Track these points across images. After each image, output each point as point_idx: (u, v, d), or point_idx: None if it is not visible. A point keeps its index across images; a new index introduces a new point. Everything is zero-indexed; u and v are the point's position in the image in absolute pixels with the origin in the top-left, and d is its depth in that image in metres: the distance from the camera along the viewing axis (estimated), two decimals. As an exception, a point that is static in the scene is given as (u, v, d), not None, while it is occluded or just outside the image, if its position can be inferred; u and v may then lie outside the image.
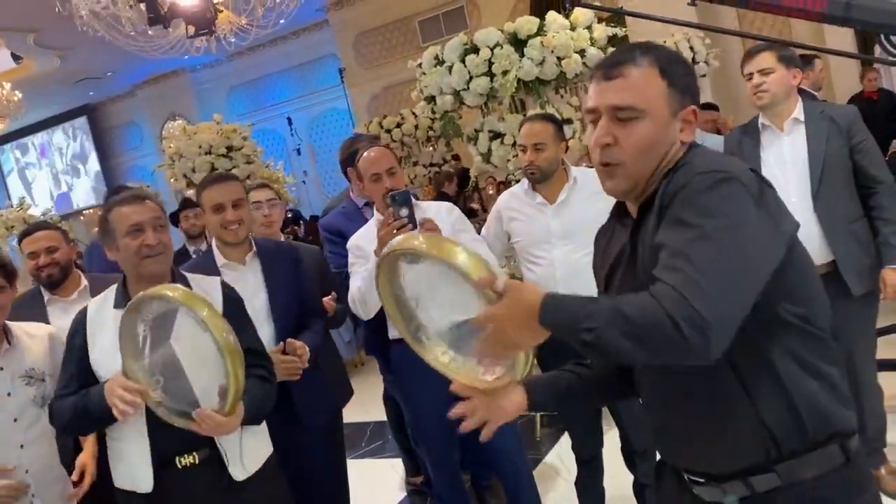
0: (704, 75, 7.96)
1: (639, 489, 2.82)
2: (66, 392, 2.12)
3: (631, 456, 2.82)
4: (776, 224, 1.19)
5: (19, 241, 2.92)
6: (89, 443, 2.38)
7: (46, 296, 2.80)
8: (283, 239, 3.29)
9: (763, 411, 1.21)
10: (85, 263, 4.84)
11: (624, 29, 5.58)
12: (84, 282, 2.85)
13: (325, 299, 2.89)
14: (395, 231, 2.41)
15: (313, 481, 2.74)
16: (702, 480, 1.31)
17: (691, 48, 8.12)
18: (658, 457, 1.48)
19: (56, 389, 2.18)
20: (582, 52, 4.99)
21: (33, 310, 2.70)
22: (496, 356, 1.28)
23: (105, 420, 2.05)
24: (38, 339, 2.37)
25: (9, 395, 2.22)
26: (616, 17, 5.62)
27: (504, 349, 1.23)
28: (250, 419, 2.08)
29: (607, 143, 1.28)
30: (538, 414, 4.15)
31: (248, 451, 2.16)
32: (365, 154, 2.75)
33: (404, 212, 2.43)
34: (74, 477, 2.33)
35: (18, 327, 2.35)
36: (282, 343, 2.54)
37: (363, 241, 2.72)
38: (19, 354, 2.29)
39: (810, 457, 1.21)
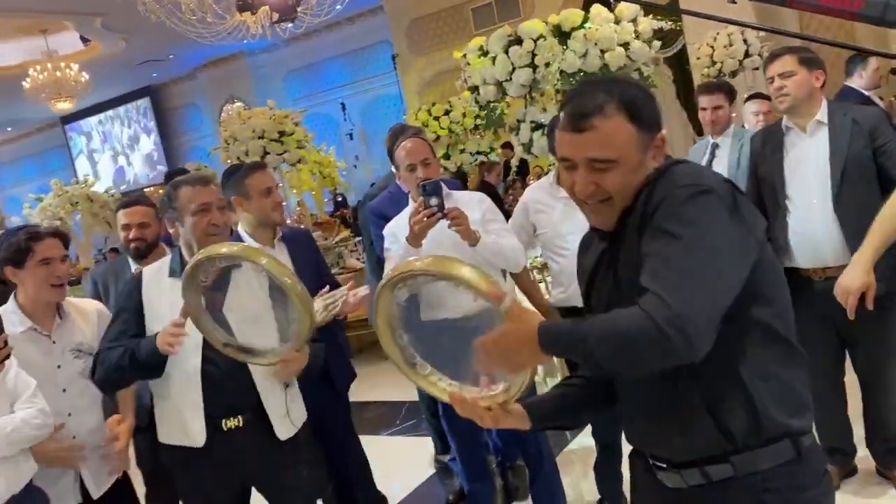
0: (757, 68, 7.85)
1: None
2: (114, 346, 2.27)
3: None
4: (750, 230, 1.28)
5: (116, 210, 3.18)
6: (128, 414, 2.53)
7: (133, 265, 3.01)
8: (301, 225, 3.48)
9: (719, 409, 1.31)
10: None
11: (675, 23, 5.58)
12: (169, 254, 3.02)
13: None
14: (424, 219, 2.55)
15: (344, 443, 2.97)
16: (664, 466, 1.41)
17: (745, 40, 8.02)
18: None
19: (103, 343, 2.34)
20: (626, 45, 5.03)
21: (119, 275, 2.97)
22: (499, 371, 1.36)
23: (148, 368, 2.20)
24: (87, 314, 2.55)
25: (59, 367, 2.40)
26: (670, 11, 5.62)
27: (505, 370, 1.33)
28: (309, 367, 2.25)
29: (591, 192, 1.36)
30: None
31: (291, 411, 2.34)
32: (401, 145, 2.88)
33: (434, 201, 2.55)
34: (104, 442, 2.43)
35: (69, 303, 2.52)
36: (327, 287, 2.73)
37: (397, 228, 2.85)
38: (70, 329, 2.46)
39: (764, 451, 1.31)
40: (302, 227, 2.90)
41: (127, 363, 2.21)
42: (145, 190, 16.91)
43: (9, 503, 2.06)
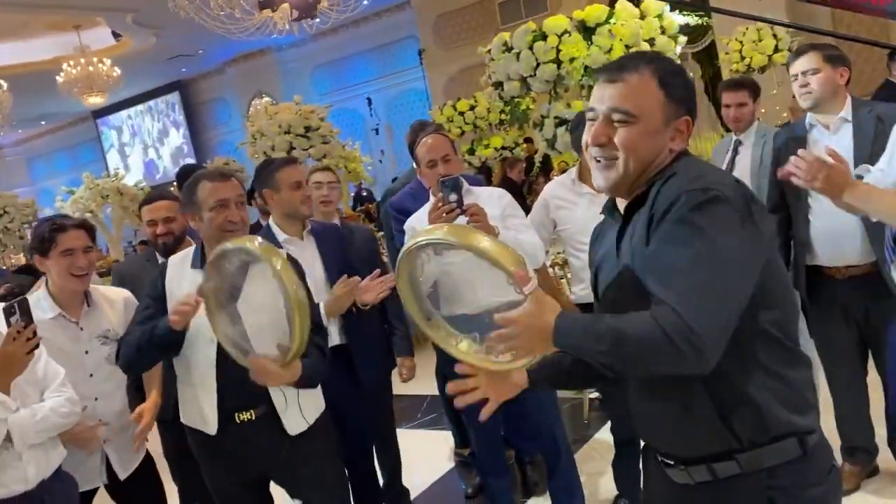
0: (786, 64, 7.75)
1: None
2: (136, 329, 2.32)
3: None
4: (762, 234, 1.28)
5: (140, 207, 3.16)
6: (153, 394, 2.61)
7: (161, 260, 2.98)
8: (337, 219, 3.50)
9: (724, 409, 1.32)
10: None
11: (703, 18, 5.55)
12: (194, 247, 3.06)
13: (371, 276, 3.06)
14: (443, 215, 2.57)
15: (366, 437, 3.00)
16: (672, 463, 1.43)
17: (774, 35, 7.92)
18: None
19: (127, 329, 2.40)
20: (651, 41, 5.00)
21: (147, 274, 2.90)
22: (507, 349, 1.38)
23: (165, 346, 2.24)
24: (114, 302, 2.63)
25: (86, 352, 2.49)
26: (699, 7, 5.58)
27: (516, 350, 1.35)
28: (304, 382, 2.25)
29: (601, 143, 1.38)
30: (587, 397, 4.26)
31: (304, 408, 2.37)
32: (422, 141, 2.90)
33: (453, 197, 2.57)
34: (133, 417, 2.53)
35: (97, 290, 2.61)
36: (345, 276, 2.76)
37: (417, 223, 2.88)
38: (97, 316, 2.55)
39: (769, 449, 1.32)
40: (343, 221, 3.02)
41: (145, 342, 2.25)
42: (174, 183, 17.17)
43: (39, 488, 2.13)
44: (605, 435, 3.86)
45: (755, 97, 3.66)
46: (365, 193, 12.55)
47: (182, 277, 2.37)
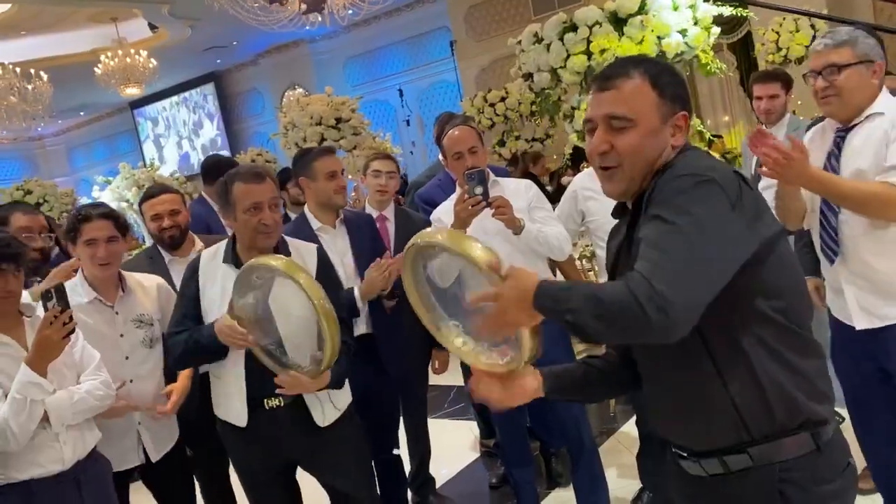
0: (824, 54, 7.59)
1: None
2: (178, 330, 2.41)
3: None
4: (750, 224, 1.28)
5: (140, 203, 3.10)
6: (183, 376, 2.67)
7: (167, 257, 3.03)
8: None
9: (735, 399, 1.32)
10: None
11: (738, 9, 5.46)
12: (199, 243, 3.05)
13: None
14: (469, 207, 2.59)
15: (392, 426, 3.05)
16: (685, 455, 1.44)
17: (812, 25, 7.76)
18: None
19: (169, 327, 2.49)
20: (684, 32, 4.93)
21: (156, 270, 2.93)
22: (495, 333, 1.40)
23: (212, 354, 2.34)
24: (148, 288, 2.70)
25: (121, 336, 2.57)
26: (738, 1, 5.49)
27: (503, 327, 1.35)
28: (333, 385, 2.33)
29: (604, 151, 1.40)
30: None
31: (328, 400, 2.42)
32: (448, 133, 2.91)
33: (479, 189, 2.58)
34: (163, 392, 2.62)
35: (131, 277, 2.68)
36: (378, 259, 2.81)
37: (443, 215, 2.90)
38: (132, 301, 2.62)
39: (781, 442, 1.32)
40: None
41: (193, 351, 2.36)
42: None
43: (74, 468, 2.20)
44: (631, 428, 3.86)
45: (788, 89, 3.61)
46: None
47: (214, 272, 2.41)
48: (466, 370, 3.91)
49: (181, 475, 2.77)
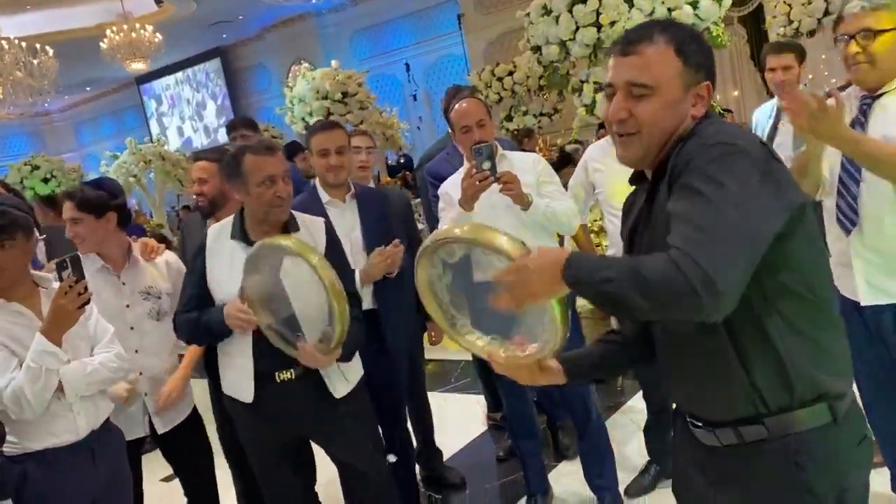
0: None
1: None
2: (187, 308, 2.43)
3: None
4: (779, 195, 1.25)
5: None
6: (187, 360, 2.72)
7: (208, 222, 2.97)
8: (372, 183, 3.52)
9: (753, 370, 1.31)
10: None
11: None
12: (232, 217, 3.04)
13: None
14: (477, 182, 2.57)
15: (399, 401, 3.09)
16: (700, 424, 1.43)
17: (824, -2, 7.66)
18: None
19: (179, 305, 2.50)
20: (694, 4, 4.88)
21: (196, 235, 2.93)
22: (515, 306, 1.34)
23: (221, 335, 2.37)
24: (156, 262, 2.71)
25: (127, 306, 2.59)
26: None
27: (525, 299, 1.30)
28: (345, 357, 2.34)
29: (623, 118, 1.37)
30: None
31: (344, 371, 2.43)
32: (456, 106, 2.89)
33: (487, 164, 2.56)
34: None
35: (137, 250, 2.70)
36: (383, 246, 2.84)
37: (451, 189, 2.88)
38: (139, 273, 2.64)
39: (797, 413, 1.31)
40: (380, 186, 3.00)
41: (202, 332, 2.39)
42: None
43: (88, 438, 2.23)
44: (638, 402, 3.88)
45: (801, 61, 3.56)
46: (402, 161, 12.57)
47: (220, 249, 2.40)
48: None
49: (194, 447, 2.79)
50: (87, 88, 19.91)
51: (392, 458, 3.01)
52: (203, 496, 2.82)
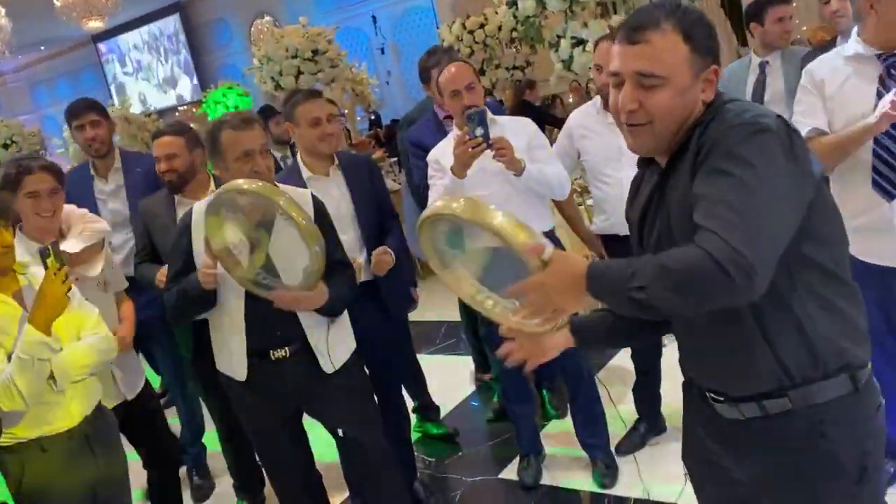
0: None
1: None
2: (172, 286, 2.39)
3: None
4: (804, 169, 1.25)
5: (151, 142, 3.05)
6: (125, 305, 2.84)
7: (177, 198, 2.97)
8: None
9: (778, 344, 1.32)
10: None
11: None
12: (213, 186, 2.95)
13: None
14: (470, 150, 2.53)
15: (395, 369, 3.14)
16: (721, 399, 1.44)
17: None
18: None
19: (165, 284, 2.46)
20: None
21: (167, 213, 2.93)
22: (538, 316, 1.35)
23: (203, 303, 2.32)
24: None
25: (76, 279, 2.50)
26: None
27: (546, 311, 1.31)
28: (330, 307, 2.31)
29: (633, 110, 1.33)
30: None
31: (334, 347, 2.42)
32: (444, 70, 2.83)
33: (479, 131, 2.52)
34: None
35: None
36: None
37: (441, 156, 2.83)
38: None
39: (821, 385, 1.33)
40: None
41: (182, 302, 2.34)
42: (180, 108, 16.90)
43: (82, 423, 2.20)
44: (625, 361, 3.93)
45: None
46: (373, 117, 12.36)
47: (202, 223, 2.35)
48: (464, 306, 3.94)
49: (150, 412, 2.84)
50: (42, 48, 19.18)
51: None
52: (166, 465, 2.92)
